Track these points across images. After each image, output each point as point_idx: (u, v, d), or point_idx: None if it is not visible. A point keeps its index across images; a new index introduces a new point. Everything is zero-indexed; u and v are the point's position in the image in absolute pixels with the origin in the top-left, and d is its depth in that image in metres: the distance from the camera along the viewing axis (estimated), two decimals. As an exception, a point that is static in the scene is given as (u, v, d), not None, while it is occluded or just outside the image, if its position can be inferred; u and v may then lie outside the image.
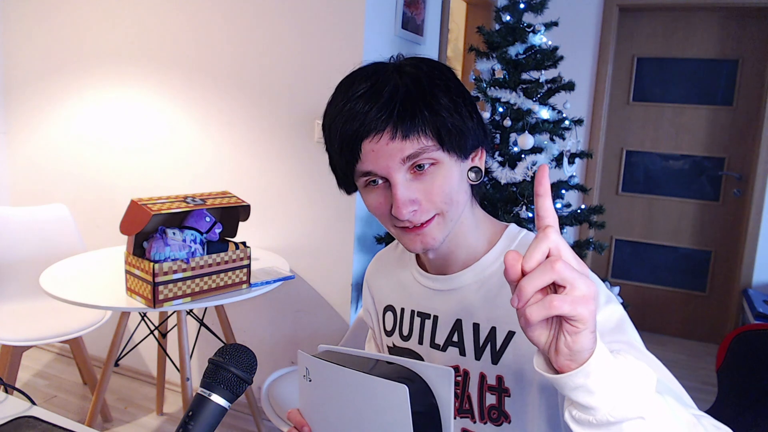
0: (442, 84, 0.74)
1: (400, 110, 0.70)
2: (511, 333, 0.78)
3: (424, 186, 0.74)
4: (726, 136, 3.44)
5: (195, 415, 0.68)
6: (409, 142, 0.71)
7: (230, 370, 0.70)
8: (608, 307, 0.75)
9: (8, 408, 1.07)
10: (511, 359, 0.78)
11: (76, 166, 2.81)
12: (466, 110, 0.75)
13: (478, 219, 0.85)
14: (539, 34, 2.20)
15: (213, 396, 0.69)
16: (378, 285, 0.99)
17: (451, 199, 0.75)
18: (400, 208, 0.72)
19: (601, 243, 2.15)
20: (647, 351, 0.74)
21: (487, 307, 0.81)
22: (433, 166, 0.73)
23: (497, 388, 0.80)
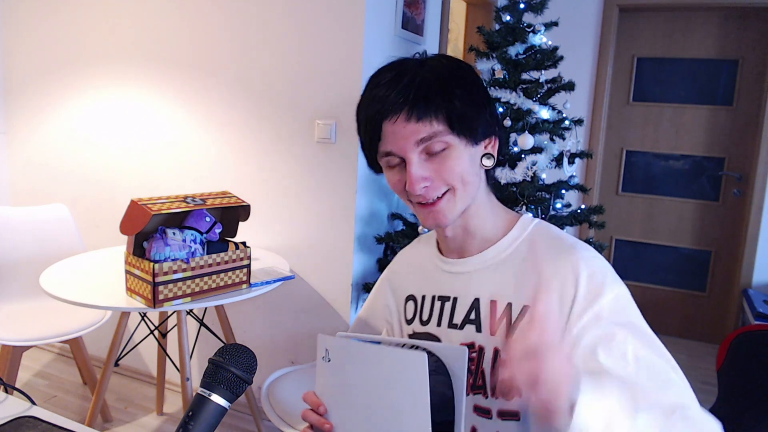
0: (458, 75, 0.82)
1: (415, 95, 0.79)
2: (526, 306, 0.84)
3: (435, 165, 0.82)
4: (726, 136, 3.44)
5: (195, 415, 0.68)
6: (422, 125, 0.79)
7: (230, 370, 0.70)
8: (613, 288, 0.81)
9: (8, 408, 1.07)
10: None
11: (76, 166, 2.81)
12: (479, 100, 0.83)
13: (493, 205, 0.92)
14: (539, 34, 2.19)
15: (213, 396, 0.69)
16: (400, 278, 1.05)
17: (462, 179, 0.83)
18: (413, 184, 0.81)
19: (601, 243, 2.15)
20: (649, 331, 0.79)
21: (502, 287, 0.87)
22: (445, 149, 0.81)
23: None
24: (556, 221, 2.18)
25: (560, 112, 2.24)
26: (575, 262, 0.82)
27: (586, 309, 0.79)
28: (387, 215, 2.50)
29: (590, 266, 0.82)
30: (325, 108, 2.22)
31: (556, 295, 0.81)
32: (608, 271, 0.83)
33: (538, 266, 0.85)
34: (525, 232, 0.90)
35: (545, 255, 0.85)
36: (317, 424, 0.83)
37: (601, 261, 0.84)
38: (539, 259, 0.86)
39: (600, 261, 0.84)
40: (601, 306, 0.79)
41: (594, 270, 0.81)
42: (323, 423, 0.82)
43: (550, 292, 0.80)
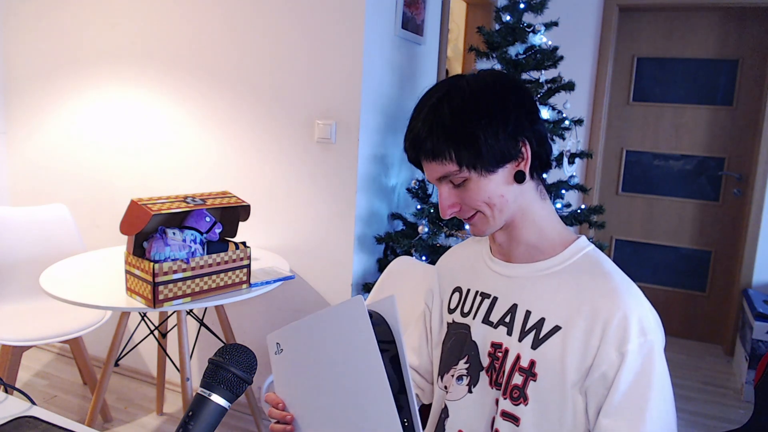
0: (465, 113, 0.86)
1: (425, 143, 0.88)
2: (558, 327, 0.87)
3: (461, 194, 0.91)
4: (726, 136, 3.44)
5: (195, 415, 0.68)
6: (438, 164, 0.89)
7: (230, 370, 0.70)
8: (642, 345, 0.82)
9: (8, 408, 1.07)
10: (550, 349, 0.86)
11: (76, 166, 2.81)
12: (489, 131, 0.86)
13: (547, 218, 0.95)
14: (539, 34, 2.19)
15: (213, 396, 0.69)
16: (449, 270, 1.11)
17: (487, 203, 0.90)
18: (442, 211, 0.92)
19: (601, 243, 2.14)
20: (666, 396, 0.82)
21: (541, 300, 0.90)
22: (465, 181, 0.89)
23: (527, 370, 0.88)
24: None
25: (560, 112, 2.24)
26: (614, 304, 0.83)
27: (605, 360, 0.82)
28: (387, 215, 2.50)
29: (627, 313, 0.82)
30: (325, 108, 2.22)
31: (582, 332, 0.84)
32: (645, 321, 0.83)
33: (578, 296, 0.87)
34: (576, 256, 0.92)
35: (588, 288, 0.87)
36: (279, 418, 0.87)
37: (642, 308, 0.84)
38: (581, 289, 0.88)
39: (641, 308, 0.84)
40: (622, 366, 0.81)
41: (629, 318, 0.82)
42: (284, 415, 0.87)
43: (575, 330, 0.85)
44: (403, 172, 2.60)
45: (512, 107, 0.88)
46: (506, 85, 0.90)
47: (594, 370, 0.82)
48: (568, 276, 0.90)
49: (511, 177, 0.90)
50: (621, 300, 0.83)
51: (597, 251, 0.94)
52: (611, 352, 0.81)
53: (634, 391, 0.80)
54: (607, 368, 0.81)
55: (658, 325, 0.85)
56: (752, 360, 2.87)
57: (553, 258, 0.93)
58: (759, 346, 2.84)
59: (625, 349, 0.81)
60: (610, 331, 0.82)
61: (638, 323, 0.82)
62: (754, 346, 2.85)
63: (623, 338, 0.81)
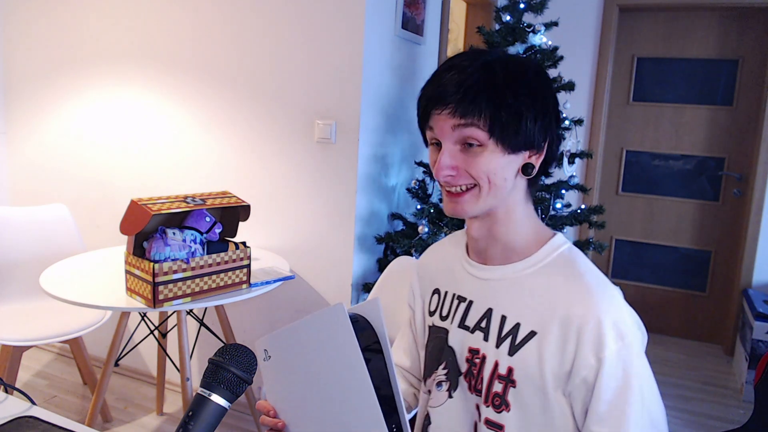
0: (518, 83, 0.83)
1: (465, 94, 0.81)
2: (533, 333, 0.84)
3: (466, 158, 0.84)
4: (726, 136, 3.44)
5: (195, 415, 0.68)
6: (463, 123, 0.82)
7: (230, 370, 0.70)
8: (620, 348, 0.80)
9: (8, 408, 1.07)
10: (527, 356, 0.84)
11: (76, 166, 2.81)
12: (531, 113, 0.83)
13: (527, 218, 0.92)
14: (539, 34, 2.19)
15: (213, 396, 0.69)
16: (428, 270, 1.08)
17: (489, 179, 0.84)
18: (439, 170, 0.85)
19: (601, 243, 2.15)
20: (647, 394, 0.81)
21: (516, 305, 0.88)
22: (479, 146, 0.83)
23: (506, 377, 0.86)
24: (556, 221, 2.18)
25: (560, 112, 2.24)
26: (587, 309, 0.81)
27: (583, 366, 0.80)
28: (387, 215, 2.50)
29: (600, 318, 0.80)
30: (325, 108, 2.22)
31: (557, 338, 0.82)
32: (621, 324, 0.81)
33: (552, 300, 0.84)
34: (550, 257, 0.89)
35: (561, 291, 0.85)
36: (271, 426, 0.86)
37: (617, 311, 0.82)
38: (554, 293, 0.85)
39: (616, 311, 0.82)
40: (601, 371, 0.79)
41: (603, 323, 0.80)
42: (276, 423, 0.86)
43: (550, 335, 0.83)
44: (403, 172, 2.60)
45: (553, 101, 0.88)
46: (551, 80, 0.90)
47: (574, 376, 0.81)
48: (542, 278, 0.87)
49: (519, 166, 0.87)
50: (594, 305, 0.81)
51: (573, 250, 0.90)
52: (589, 358, 0.79)
53: (616, 397, 0.79)
54: (587, 373, 0.80)
55: (636, 326, 0.83)
56: (752, 360, 2.87)
57: (528, 259, 0.90)
58: (759, 346, 2.84)
59: (602, 355, 0.79)
60: (585, 338, 0.80)
61: (614, 328, 0.80)
62: (754, 346, 2.85)
63: (599, 344, 0.79)
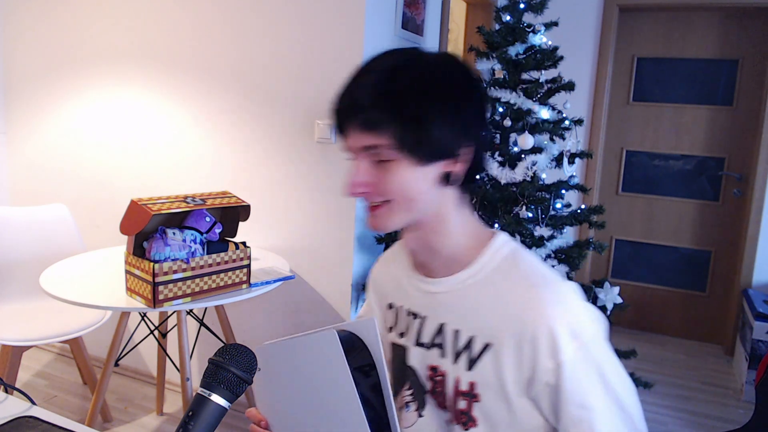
0: (422, 91, 0.77)
1: (368, 104, 0.77)
2: (488, 345, 0.82)
3: (379, 175, 0.80)
4: (726, 136, 3.44)
5: (195, 415, 0.68)
6: (370, 135, 0.78)
7: (230, 370, 0.70)
8: (577, 346, 0.77)
9: (8, 408, 1.07)
10: (485, 368, 0.82)
11: (76, 166, 2.81)
12: (439, 120, 0.77)
13: (464, 224, 0.87)
14: (539, 34, 2.19)
15: (213, 396, 0.69)
16: (381, 284, 1.03)
17: (403, 195, 0.80)
18: (350, 187, 0.81)
19: (601, 243, 2.15)
20: (616, 382, 0.79)
21: (467, 318, 0.84)
22: (390, 161, 0.79)
23: (468, 393, 0.84)
24: (556, 221, 2.18)
25: (560, 112, 2.24)
26: (537, 315, 0.78)
27: (543, 371, 0.77)
28: (387, 215, 2.50)
29: (551, 323, 0.77)
30: (325, 108, 2.22)
31: (512, 348, 0.79)
32: (575, 324, 0.77)
33: (501, 309, 0.81)
34: (494, 262, 0.84)
35: (509, 298, 0.81)
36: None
37: (568, 311, 0.78)
38: (503, 300, 0.81)
39: (567, 312, 0.78)
40: (562, 374, 0.77)
41: (555, 328, 0.76)
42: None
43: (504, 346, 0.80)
44: (403, 172, 2.60)
45: (471, 103, 0.81)
46: (471, 79, 0.82)
47: (536, 382, 0.78)
48: (489, 286, 0.83)
49: (438, 176, 0.81)
50: (544, 310, 0.77)
51: (515, 251, 0.85)
52: (547, 363, 0.76)
53: (582, 397, 0.77)
54: (548, 378, 0.77)
55: (592, 319, 0.79)
56: (752, 360, 2.86)
57: (471, 267, 0.85)
58: (759, 346, 2.84)
59: (560, 359, 0.76)
60: (539, 345, 0.76)
61: (567, 330, 0.76)
62: (754, 346, 2.85)
63: (555, 349, 0.76)
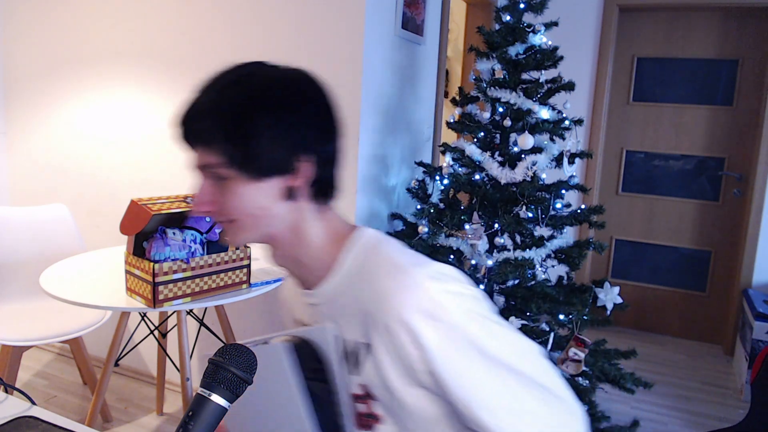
0: (250, 107, 0.77)
1: (196, 127, 0.79)
2: (364, 347, 0.81)
3: (219, 195, 0.80)
4: (726, 136, 3.44)
5: (195, 415, 0.68)
6: (204, 152, 0.79)
7: (230, 370, 0.70)
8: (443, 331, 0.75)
9: (8, 408, 1.07)
10: (370, 370, 0.81)
11: (76, 166, 2.81)
12: (267, 135, 0.77)
13: (323, 233, 0.85)
14: (539, 34, 2.19)
15: (213, 396, 0.69)
16: (285, 300, 1.03)
17: (245, 213, 0.80)
18: (194, 206, 0.81)
19: (601, 243, 2.15)
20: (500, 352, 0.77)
21: (341, 323, 0.84)
22: (226, 180, 0.78)
23: (364, 395, 0.84)
24: (556, 221, 2.18)
25: (560, 112, 2.24)
26: (390, 308, 0.76)
27: (415, 360, 0.77)
28: (387, 215, 2.50)
29: (403, 313, 0.75)
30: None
31: (382, 344, 0.78)
32: (431, 308, 0.75)
33: (364, 309, 0.80)
34: (356, 262, 0.83)
35: (367, 297, 0.80)
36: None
37: (420, 296, 0.76)
38: (363, 301, 0.80)
39: (419, 297, 0.76)
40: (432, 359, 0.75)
41: (409, 317, 0.75)
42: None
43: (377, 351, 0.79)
44: (403, 172, 2.60)
45: (305, 117, 0.80)
46: (309, 93, 0.81)
47: (415, 373, 0.78)
48: (352, 288, 0.82)
49: (281, 192, 0.80)
50: (391, 300, 0.76)
51: (375, 245, 0.84)
52: (413, 351, 0.75)
53: (461, 377, 0.75)
54: (421, 365, 0.76)
55: (454, 297, 0.76)
56: (752, 360, 2.86)
57: (336, 272, 0.84)
58: (759, 346, 2.84)
59: (423, 345, 0.75)
60: (399, 336, 0.75)
61: (421, 314, 0.74)
62: (754, 346, 2.85)
63: (414, 337, 0.75)
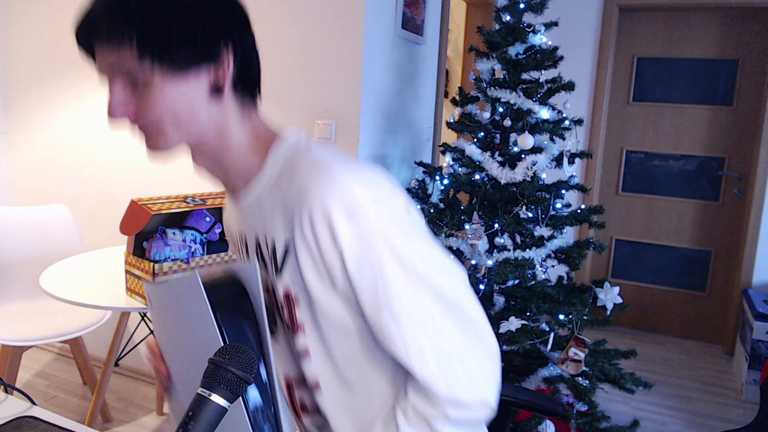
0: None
1: (103, 25, 0.70)
2: (287, 245, 0.78)
3: (137, 101, 0.73)
4: (726, 136, 3.44)
5: (195, 415, 0.68)
6: (114, 51, 0.71)
7: (230, 370, 0.70)
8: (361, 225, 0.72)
9: (8, 408, 1.07)
10: (290, 272, 0.79)
11: (76, 166, 2.81)
12: (181, 20, 0.71)
13: (249, 135, 0.82)
14: (539, 34, 2.19)
15: (213, 396, 0.69)
16: (228, 219, 1.00)
17: (168, 115, 0.73)
18: (109, 111, 0.73)
19: (601, 243, 2.15)
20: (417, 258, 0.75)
21: (267, 224, 0.81)
22: (144, 80, 0.72)
23: (287, 300, 0.82)
24: (557, 221, 2.18)
25: (560, 112, 2.24)
26: (312, 200, 0.73)
27: (331, 263, 0.74)
28: (387, 215, 2.49)
29: (325, 204, 0.72)
30: (325, 108, 2.22)
31: (302, 243, 0.75)
32: (350, 203, 0.72)
33: (287, 206, 0.77)
34: (280, 162, 0.80)
35: (291, 193, 0.77)
36: (155, 366, 0.87)
37: (342, 189, 0.72)
38: (287, 197, 0.77)
39: (341, 190, 0.72)
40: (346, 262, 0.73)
41: (329, 209, 0.72)
42: (159, 363, 0.87)
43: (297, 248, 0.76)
44: (403, 172, 2.60)
45: (218, 3, 0.76)
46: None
47: (333, 279, 0.75)
48: (279, 188, 0.79)
49: (206, 89, 0.75)
50: (315, 194, 0.73)
51: (302, 146, 0.80)
52: (331, 252, 0.73)
53: (374, 282, 0.73)
54: (338, 268, 0.74)
55: (376, 203, 0.73)
56: (752, 360, 2.87)
57: (263, 175, 0.81)
58: (759, 346, 2.84)
59: (340, 245, 0.72)
60: (319, 234, 0.73)
61: (341, 211, 0.71)
62: (754, 346, 2.85)
63: (333, 235, 0.72)
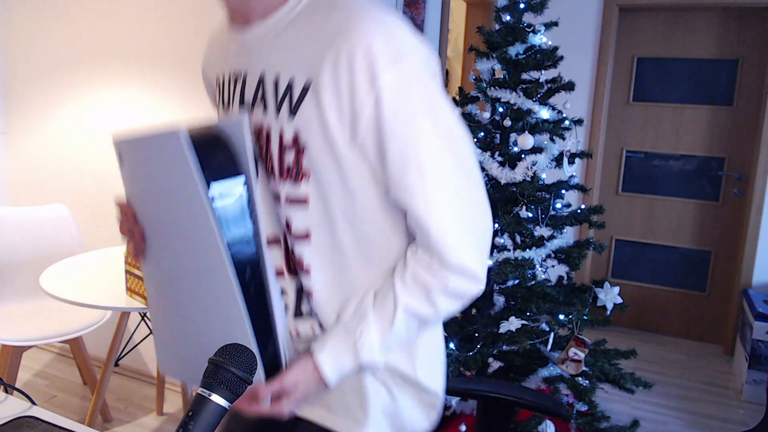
0: None
1: None
2: (308, 84, 0.74)
3: None
4: (726, 136, 3.44)
5: (195, 415, 0.68)
6: None
7: (230, 370, 0.70)
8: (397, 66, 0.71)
9: (8, 408, 1.07)
10: (308, 112, 0.75)
11: (77, 166, 2.81)
12: None
13: None
14: (539, 34, 2.19)
15: (213, 396, 0.69)
16: (209, 64, 0.97)
17: None
18: None
19: (601, 243, 2.15)
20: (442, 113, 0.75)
21: (284, 59, 0.77)
22: None
23: (294, 144, 0.77)
24: (557, 221, 2.18)
25: (560, 112, 2.24)
26: (353, 36, 0.70)
27: (362, 106, 0.71)
28: (387, 215, 2.49)
29: (370, 40, 0.70)
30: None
31: (330, 81, 0.72)
32: (397, 42, 0.71)
33: (317, 41, 0.73)
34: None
35: (324, 28, 0.73)
36: (129, 228, 0.84)
37: (389, 28, 0.71)
38: (318, 32, 0.74)
39: (387, 29, 0.71)
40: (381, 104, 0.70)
41: (373, 45, 0.69)
42: (132, 225, 0.84)
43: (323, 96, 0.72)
44: (403, 172, 2.60)
45: None
46: None
47: (358, 123, 0.72)
48: (306, 19, 0.76)
49: None
50: (359, 29, 0.70)
51: None
52: (364, 93, 0.70)
53: (404, 128, 0.72)
54: (369, 112, 0.71)
55: (417, 49, 0.73)
56: (752, 360, 2.87)
57: (288, 3, 0.77)
58: (759, 346, 2.84)
59: (378, 86, 0.69)
60: (356, 70, 0.69)
61: (386, 51, 0.69)
62: (754, 346, 2.85)
63: (373, 74, 0.69)
